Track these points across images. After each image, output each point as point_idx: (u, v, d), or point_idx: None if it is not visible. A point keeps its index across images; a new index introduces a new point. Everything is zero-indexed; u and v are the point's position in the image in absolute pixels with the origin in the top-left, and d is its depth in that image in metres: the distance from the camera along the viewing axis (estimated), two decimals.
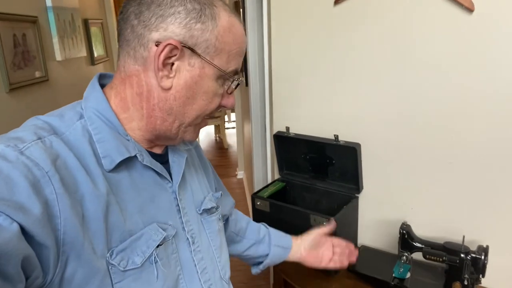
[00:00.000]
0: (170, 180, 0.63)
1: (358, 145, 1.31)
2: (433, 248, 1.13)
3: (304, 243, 0.95)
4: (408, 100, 1.25)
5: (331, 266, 0.95)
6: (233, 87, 0.62)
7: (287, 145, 1.49)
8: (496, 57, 1.09)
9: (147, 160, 0.59)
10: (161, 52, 0.53)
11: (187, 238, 0.64)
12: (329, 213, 1.23)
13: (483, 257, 1.04)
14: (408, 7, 1.18)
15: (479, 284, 1.10)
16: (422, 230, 1.26)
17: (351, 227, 1.39)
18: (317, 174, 1.47)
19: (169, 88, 0.56)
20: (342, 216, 1.26)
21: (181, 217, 0.64)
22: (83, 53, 2.90)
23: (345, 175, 1.39)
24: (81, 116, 0.55)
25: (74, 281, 0.47)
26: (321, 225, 1.00)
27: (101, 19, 3.50)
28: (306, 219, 1.25)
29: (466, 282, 1.06)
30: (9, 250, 0.39)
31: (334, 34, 1.33)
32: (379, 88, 1.29)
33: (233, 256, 0.92)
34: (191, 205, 0.68)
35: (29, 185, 0.43)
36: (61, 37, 2.45)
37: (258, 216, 1.41)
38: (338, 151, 1.36)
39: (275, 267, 1.37)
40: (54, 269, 0.45)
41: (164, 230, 0.58)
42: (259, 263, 0.96)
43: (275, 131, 1.49)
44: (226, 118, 5.20)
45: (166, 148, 0.67)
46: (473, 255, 1.06)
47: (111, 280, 0.51)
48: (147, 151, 0.61)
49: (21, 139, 0.47)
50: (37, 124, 0.52)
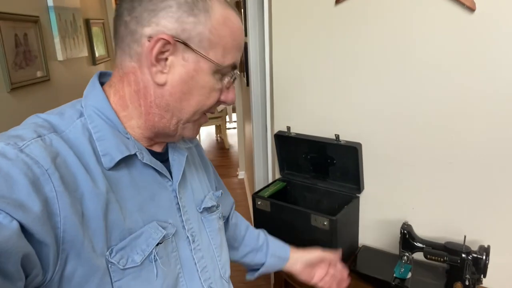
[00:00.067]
0: (170, 179, 0.63)
1: (359, 145, 1.31)
2: (434, 248, 1.12)
3: (303, 258, 0.94)
4: (409, 100, 1.25)
5: (320, 286, 0.94)
6: (230, 82, 0.61)
7: (288, 145, 1.48)
8: (497, 57, 1.08)
9: (147, 159, 0.58)
10: (153, 47, 0.53)
11: (187, 237, 0.64)
12: (330, 213, 1.23)
13: (484, 257, 1.04)
14: (409, 7, 1.18)
15: (480, 284, 1.09)
16: (423, 230, 1.26)
17: (352, 227, 1.39)
18: (318, 174, 1.47)
19: (164, 84, 0.55)
20: (343, 216, 1.25)
21: (181, 216, 0.64)
22: (85, 53, 2.91)
23: (346, 175, 1.39)
24: (81, 114, 0.55)
25: (74, 279, 0.47)
26: (326, 252, 0.96)
27: (103, 19, 3.51)
28: (307, 219, 1.25)
29: (467, 282, 1.06)
30: (9, 248, 0.39)
31: (335, 34, 1.33)
32: (380, 88, 1.29)
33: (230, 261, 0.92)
34: (192, 204, 0.68)
35: (29, 183, 0.43)
36: (63, 37, 2.45)
37: (259, 216, 1.40)
38: (339, 151, 1.36)
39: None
40: (54, 267, 0.45)
41: (164, 229, 0.58)
42: (255, 270, 0.95)
43: (276, 131, 1.49)
44: (227, 119, 5.20)
45: (167, 147, 0.66)
46: (474, 255, 1.05)
47: (111, 279, 0.50)
48: (147, 150, 0.61)
49: (21, 137, 0.47)
50: (37, 122, 0.52)
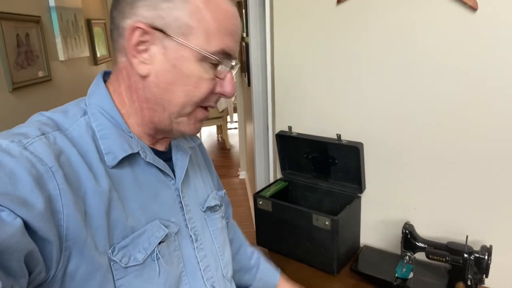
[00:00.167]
0: (173, 178, 0.63)
1: (361, 145, 1.31)
2: (436, 248, 1.12)
3: None
4: (410, 100, 1.24)
5: None
6: (225, 72, 0.57)
7: (290, 145, 1.48)
8: (500, 57, 1.08)
9: (150, 157, 0.59)
10: (131, 37, 0.53)
11: (190, 236, 0.64)
12: (332, 213, 1.22)
13: (487, 257, 1.04)
14: (411, 6, 1.18)
15: (483, 285, 1.09)
16: (425, 230, 1.26)
17: (354, 227, 1.39)
18: (320, 174, 1.46)
19: (148, 76, 0.55)
20: (345, 216, 1.25)
21: (184, 214, 0.64)
22: (86, 53, 2.91)
23: (348, 175, 1.39)
24: (85, 113, 0.56)
25: (77, 277, 0.47)
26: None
27: (104, 19, 3.51)
28: (309, 219, 1.24)
29: (470, 282, 1.06)
30: (13, 245, 0.39)
31: (337, 34, 1.32)
32: (382, 88, 1.29)
33: None
34: (195, 203, 0.68)
35: (33, 180, 0.43)
36: (64, 37, 2.45)
37: (260, 216, 1.40)
38: (341, 151, 1.36)
39: (277, 266, 1.36)
40: (57, 265, 0.45)
41: (167, 227, 0.58)
42: None
43: (277, 131, 1.49)
44: (228, 119, 5.20)
45: (170, 146, 0.66)
46: (477, 255, 1.05)
47: (113, 276, 0.51)
48: (151, 148, 0.61)
49: (25, 135, 0.47)
50: (41, 120, 0.52)
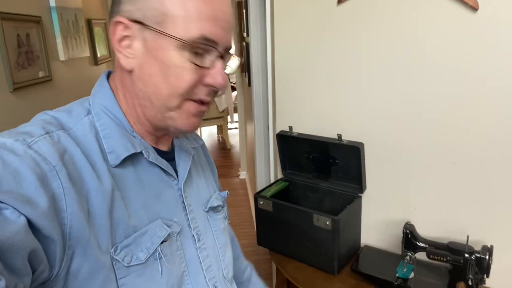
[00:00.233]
0: (176, 177, 0.63)
1: (362, 145, 1.31)
2: (437, 248, 1.12)
3: None
4: (411, 100, 1.24)
5: None
6: (214, 61, 0.54)
7: (290, 145, 1.48)
8: (500, 57, 1.08)
9: (153, 157, 0.59)
10: (113, 33, 0.54)
11: (193, 235, 0.64)
12: (332, 213, 1.22)
13: (488, 257, 1.04)
14: (411, 6, 1.18)
15: (483, 284, 1.09)
16: (426, 230, 1.26)
17: (354, 227, 1.39)
18: (320, 174, 1.47)
19: (132, 70, 0.55)
20: (345, 216, 1.25)
21: (187, 214, 0.64)
22: (87, 53, 2.91)
23: (348, 175, 1.39)
24: (89, 112, 0.56)
25: (80, 276, 0.47)
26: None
27: (104, 19, 3.51)
28: (309, 219, 1.24)
29: (470, 282, 1.06)
30: (16, 243, 0.39)
31: (337, 34, 1.32)
32: (382, 88, 1.29)
33: None
34: (197, 203, 0.68)
35: (37, 179, 0.43)
36: (65, 37, 2.46)
37: (261, 216, 1.40)
38: (341, 151, 1.36)
39: (278, 267, 1.36)
40: (60, 263, 0.45)
41: (169, 227, 0.58)
42: None
43: (278, 131, 1.49)
44: (229, 119, 5.21)
45: (173, 146, 0.67)
46: (477, 255, 1.05)
47: (116, 276, 0.51)
48: (154, 148, 0.61)
49: (30, 134, 0.48)
50: (46, 119, 0.52)
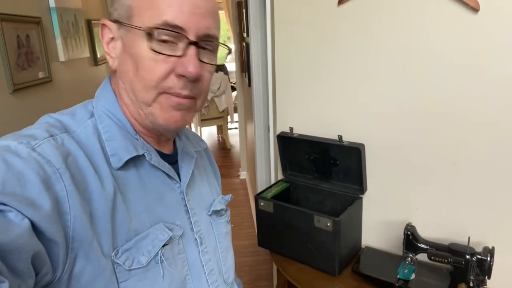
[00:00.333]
0: (178, 181, 0.63)
1: (362, 146, 1.31)
2: (438, 249, 1.12)
3: None
4: (412, 101, 1.24)
5: None
6: (184, 49, 0.52)
7: (291, 146, 1.48)
8: (502, 58, 1.08)
9: (155, 160, 0.59)
10: (102, 36, 0.56)
11: (195, 239, 0.64)
12: (333, 214, 1.22)
13: (489, 259, 1.04)
14: (412, 7, 1.18)
15: (485, 286, 1.09)
16: (427, 231, 1.25)
17: (355, 228, 1.39)
18: (321, 175, 1.46)
19: (116, 69, 0.57)
20: (346, 217, 1.25)
21: (190, 218, 0.64)
22: (86, 54, 2.91)
23: (349, 176, 1.38)
24: (92, 115, 0.56)
25: (82, 279, 0.47)
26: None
27: None
28: (310, 220, 1.24)
29: (472, 284, 1.06)
30: (20, 246, 0.39)
31: (338, 34, 1.32)
32: (383, 89, 1.29)
33: None
34: (200, 206, 0.68)
35: (41, 182, 0.43)
36: (65, 38, 2.45)
37: (262, 217, 1.40)
38: (342, 152, 1.36)
39: (278, 268, 1.36)
40: (63, 266, 0.45)
41: (171, 230, 0.58)
42: None
43: (279, 132, 1.48)
44: (229, 119, 5.20)
45: (176, 149, 0.67)
46: (479, 257, 1.05)
47: (117, 279, 0.51)
48: (157, 151, 0.61)
49: (34, 136, 0.48)
50: (50, 122, 0.53)
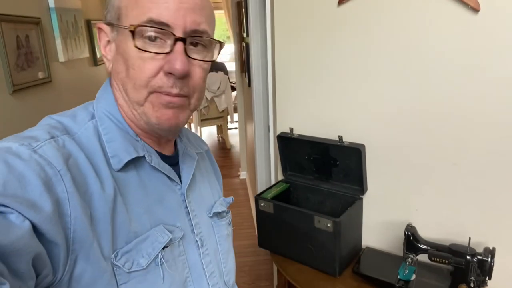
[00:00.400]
0: (179, 182, 0.63)
1: (363, 146, 1.30)
2: (439, 250, 1.12)
3: None
4: (412, 101, 1.24)
5: None
6: (171, 46, 0.52)
7: (291, 146, 1.48)
8: (502, 58, 1.08)
9: (155, 162, 0.59)
10: (99, 40, 0.57)
11: (196, 241, 0.63)
12: (333, 215, 1.22)
13: (490, 259, 1.04)
14: (412, 7, 1.17)
15: (485, 286, 1.09)
16: (427, 232, 1.25)
17: (356, 229, 1.38)
18: (321, 175, 1.46)
19: (111, 71, 0.58)
20: (347, 218, 1.25)
21: (191, 219, 0.63)
22: (86, 54, 2.91)
23: (349, 176, 1.38)
24: (93, 116, 0.56)
25: (83, 281, 0.47)
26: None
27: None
28: (310, 221, 1.24)
29: (472, 285, 1.05)
30: (21, 247, 0.39)
31: (338, 34, 1.32)
32: (383, 89, 1.28)
33: None
34: (201, 208, 0.67)
35: (42, 183, 0.43)
36: (64, 38, 2.45)
37: (262, 218, 1.40)
38: (342, 152, 1.35)
39: (278, 268, 1.36)
40: (64, 268, 0.45)
41: (171, 232, 0.58)
42: None
43: (279, 132, 1.48)
44: (229, 119, 5.20)
45: (177, 150, 0.66)
46: (479, 257, 1.05)
47: (116, 281, 0.50)
48: (157, 153, 0.61)
49: (35, 138, 0.48)
50: (51, 124, 0.53)
